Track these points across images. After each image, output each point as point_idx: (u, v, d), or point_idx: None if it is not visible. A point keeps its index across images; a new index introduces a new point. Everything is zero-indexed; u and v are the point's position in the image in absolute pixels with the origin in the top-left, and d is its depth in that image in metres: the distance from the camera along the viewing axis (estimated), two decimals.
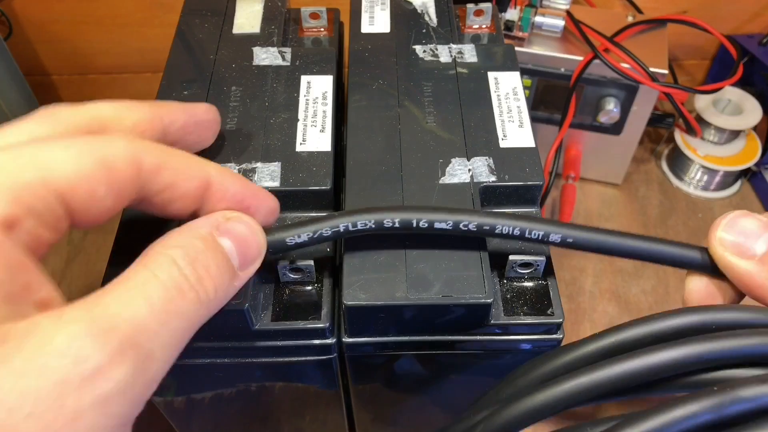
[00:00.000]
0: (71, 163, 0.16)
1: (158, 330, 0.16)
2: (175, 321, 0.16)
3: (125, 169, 0.17)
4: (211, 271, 0.18)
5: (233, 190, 0.21)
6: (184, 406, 0.30)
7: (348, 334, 0.25)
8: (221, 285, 0.18)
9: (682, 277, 0.24)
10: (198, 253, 0.18)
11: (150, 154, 0.18)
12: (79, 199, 0.16)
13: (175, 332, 0.16)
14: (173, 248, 0.18)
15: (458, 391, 0.29)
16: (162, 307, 0.16)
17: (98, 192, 0.17)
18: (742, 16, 0.57)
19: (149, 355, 0.15)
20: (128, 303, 0.15)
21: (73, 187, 0.16)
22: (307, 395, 0.29)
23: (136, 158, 0.18)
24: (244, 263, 0.20)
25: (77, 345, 0.14)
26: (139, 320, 0.15)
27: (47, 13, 0.54)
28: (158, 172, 0.19)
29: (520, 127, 0.29)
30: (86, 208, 0.17)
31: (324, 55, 0.32)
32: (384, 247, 0.24)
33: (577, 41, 0.47)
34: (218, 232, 0.19)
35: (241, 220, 0.20)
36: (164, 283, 0.16)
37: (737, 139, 0.54)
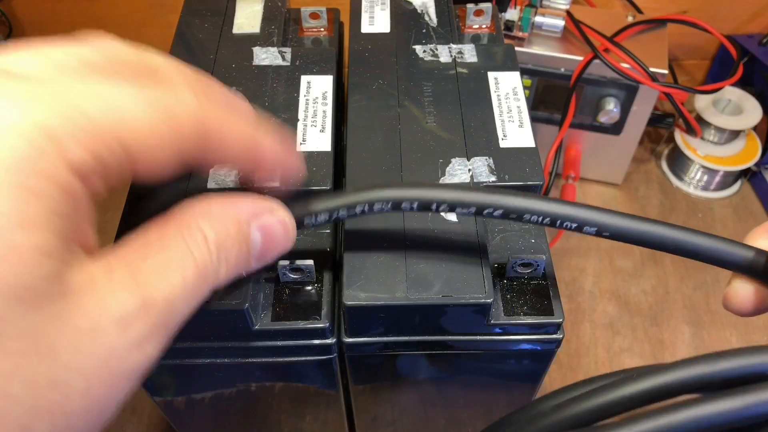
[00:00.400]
0: (144, 119, 0.15)
1: (182, 312, 0.17)
2: (193, 303, 0.17)
3: (190, 132, 0.17)
4: (230, 260, 0.18)
5: (272, 156, 0.20)
6: (184, 406, 0.30)
7: (348, 334, 0.25)
8: (231, 275, 0.18)
9: (682, 276, 0.24)
10: (227, 238, 0.18)
11: (211, 116, 0.17)
12: (146, 156, 0.16)
13: (190, 314, 0.17)
14: (209, 228, 0.17)
15: (458, 391, 0.29)
16: (192, 289, 0.17)
17: (164, 154, 0.16)
18: (742, 16, 0.57)
19: (169, 336, 0.16)
20: (167, 278, 0.16)
21: (144, 144, 0.15)
22: (307, 395, 0.29)
23: (202, 123, 0.17)
24: (261, 257, 0.20)
25: (127, 316, 0.15)
26: (173, 300, 0.16)
27: (47, 13, 0.54)
28: (218, 126, 0.18)
29: (520, 127, 0.29)
30: (149, 168, 0.16)
31: (324, 55, 0.32)
32: (384, 247, 0.24)
33: (577, 41, 0.47)
34: (255, 222, 0.19)
35: (280, 217, 0.20)
36: (197, 263, 0.17)
37: (737, 139, 0.54)
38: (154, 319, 0.15)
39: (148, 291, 0.16)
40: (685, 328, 0.46)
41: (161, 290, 0.16)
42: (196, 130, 0.17)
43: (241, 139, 0.19)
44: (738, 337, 0.46)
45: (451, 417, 0.31)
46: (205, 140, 0.17)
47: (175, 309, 0.16)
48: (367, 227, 0.25)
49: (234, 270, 0.19)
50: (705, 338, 0.46)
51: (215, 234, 0.18)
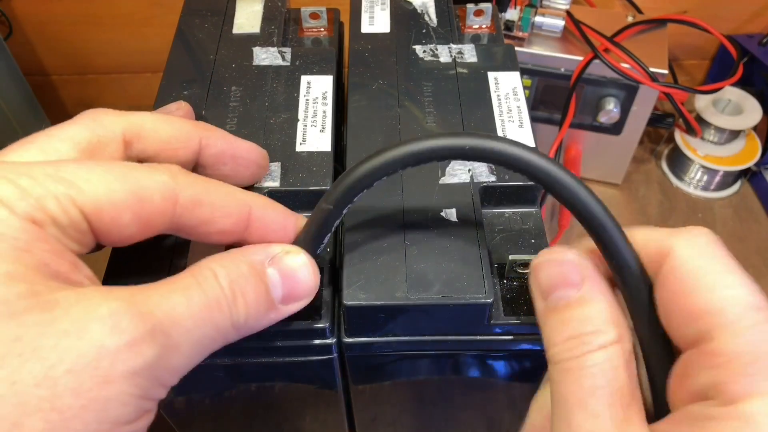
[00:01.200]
0: (103, 188, 0.17)
1: (190, 328, 0.17)
2: (207, 327, 0.18)
3: (159, 203, 0.18)
4: (247, 297, 0.19)
5: (274, 225, 0.21)
6: (184, 406, 0.30)
7: (348, 334, 0.25)
8: (254, 313, 0.19)
9: None
10: (240, 276, 0.19)
11: (188, 189, 0.19)
12: (103, 221, 0.17)
13: (204, 338, 0.18)
14: (219, 267, 0.19)
15: (458, 391, 0.29)
16: (199, 310, 0.17)
17: (123, 218, 0.18)
18: (742, 16, 0.57)
19: (176, 347, 0.17)
20: (169, 298, 0.17)
21: (99, 209, 0.17)
22: (307, 395, 0.29)
23: (173, 193, 0.19)
24: (288, 298, 0.20)
25: (117, 318, 0.15)
26: (175, 315, 0.17)
27: (47, 13, 0.54)
28: (195, 207, 0.19)
29: (520, 127, 0.29)
30: (109, 230, 0.18)
31: (324, 55, 0.32)
32: (384, 247, 0.24)
33: (577, 41, 0.47)
34: (270, 262, 0.20)
35: (299, 257, 0.21)
36: (206, 291, 0.18)
37: (737, 139, 0.54)
38: (150, 326, 0.16)
39: (146, 305, 0.16)
40: None
41: (161, 305, 0.17)
42: (164, 203, 0.18)
43: (228, 209, 0.20)
44: None
45: (451, 417, 0.31)
46: (179, 211, 0.19)
47: (180, 324, 0.17)
48: (368, 227, 0.25)
49: (256, 308, 0.19)
50: None
51: (226, 271, 0.19)
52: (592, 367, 0.19)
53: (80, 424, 0.15)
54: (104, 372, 0.15)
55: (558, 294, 0.20)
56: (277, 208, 0.22)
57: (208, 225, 0.20)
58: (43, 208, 0.16)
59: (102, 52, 0.58)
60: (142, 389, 0.16)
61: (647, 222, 0.53)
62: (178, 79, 0.30)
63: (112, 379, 0.15)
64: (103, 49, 0.57)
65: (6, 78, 0.51)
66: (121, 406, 0.15)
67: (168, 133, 0.22)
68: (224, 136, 0.24)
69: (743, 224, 0.53)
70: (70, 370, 0.15)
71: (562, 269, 0.20)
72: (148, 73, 0.59)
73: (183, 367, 0.17)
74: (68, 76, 0.60)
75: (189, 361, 0.17)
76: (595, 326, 0.19)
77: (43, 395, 0.14)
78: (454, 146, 0.20)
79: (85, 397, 0.15)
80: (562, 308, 0.20)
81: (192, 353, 0.17)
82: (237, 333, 0.19)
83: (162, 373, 0.16)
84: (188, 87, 0.30)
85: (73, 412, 0.14)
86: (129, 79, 0.60)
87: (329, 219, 0.21)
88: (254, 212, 0.21)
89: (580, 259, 0.20)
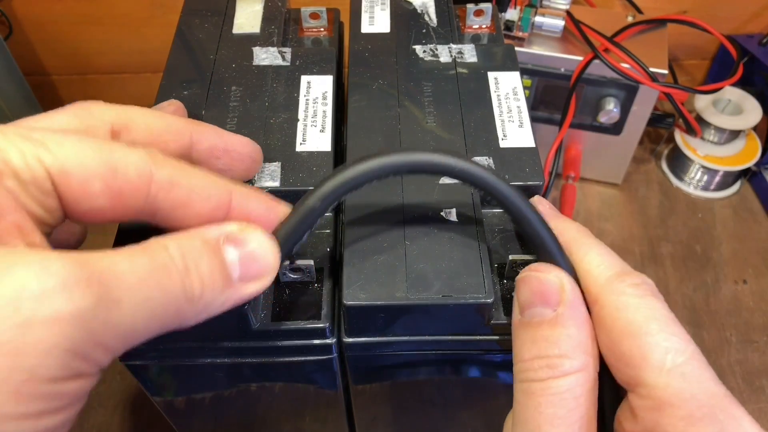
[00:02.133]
0: (73, 152, 0.17)
1: (134, 285, 0.16)
2: (154, 290, 0.16)
3: (133, 177, 0.18)
4: (201, 269, 0.18)
5: (256, 213, 0.21)
6: (184, 406, 0.30)
7: (348, 334, 0.25)
8: (210, 287, 0.18)
9: (682, 277, 0.24)
10: (193, 249, 0.18)
11: (165, 169, 0.19)
12: (71, 186, 0.17)
13: (150, 300, 0.16)
14: (170, 240, 0.18)
15: (458, 391, 0.29)
16: (144, 272, 0.16)
17: (93, 186, 0.17)
18: (742, 16, 0.57)
19: (116, 300, 0.15)
20: (111, 257, 0.16)
21: (66, 171, 0.17)
22: (307, 395, 0.29)
23: (148, 170, 0.18)
24: (246, 276, 0.19)
25: (47, 264, 0.14)
26: (117, 270, 0.16)
27: (47, 13, 0.54)
28: (171, 188, 0.19)
29: (520, 127, 0.29)
30: (77, 198, 0.17)
31: (324, 55, 0.32)
32: (384, 246, 0.24)
33: (577, 41, 0.47)
34: (227, 239, 0.19)
35: (256, 234, 0.20)
36: (153, 257, 0.17)
37: (737, 139, 0.54)
38: (85, 273, 0.15)
39: (84, 258, 0.15)
40: (685, 329, 0.46)
41: (101, 260, 0.16)
42: (138, 179, 0.18)
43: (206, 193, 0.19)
44: (738, 337, 0.46)
45: (451, 417, 0.31)
46: (154, 190, 0.18)
47: (120, 278, 0.16)
48: (368, 227, 0.25)
49: (211, 282, 0.18)
50: (705, 338, 0.45)
51: (177, 244, 0.18)
52: (554, 395, 0.19)
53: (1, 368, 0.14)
54: (24, 315, 0.14)
55: (534, 310, 0.21)
56: (261, 197, 0.21)
57: (184, 208, 0.19)
58: (4, 158, 0.16)
59: (102, 52, 0.58)
60: (72, 341, 0.14)
61: (647, 222, 0.53)
62: (178, 79, 0.30)
63: (32, 323, 0.14)
64: (103, 49, 0.57)
65: (6, 78, 0.51)
66: (40, 355, 0.14)
67: (158, 126, 0.21)
68: (215, 131, 0.23)
69: (743, 224, 0.53)
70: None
71: (543, 287, 0.21)
72: (148, 73, 0.59)
73: (127, 329, 0.16)
74: (68, 76, 0.60)
75: (133, 323, 0.16)
76: (562, 350, 0.20)
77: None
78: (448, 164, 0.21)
79: (3, 343, 0.14)
80: (534, 325, 0.20)
81: (137, 315, 0.16)
82: (193, 309, 0.18)
83: (98, 327, 0.15)
84: (188, 87, 0.30)
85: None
86: (129, 79, 0.60)
87: (311, 216, 0.21)
88: (236, 199, 0.20)
89: (563, 280, 0.21)
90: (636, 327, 0.19)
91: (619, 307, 0.19)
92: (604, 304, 0.20)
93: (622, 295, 0.20)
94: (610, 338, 0.19)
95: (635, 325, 0.19)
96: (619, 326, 0.19)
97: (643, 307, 0.19)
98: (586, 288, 0.21)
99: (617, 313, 0.19)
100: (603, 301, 0.20)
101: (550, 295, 0.21)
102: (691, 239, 0.52)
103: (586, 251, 0.22)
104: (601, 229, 0.52)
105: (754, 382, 0.44)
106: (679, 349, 0.18)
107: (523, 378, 0.20)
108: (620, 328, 0.19)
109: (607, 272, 0.21)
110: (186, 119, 0.23)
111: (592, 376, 0.20)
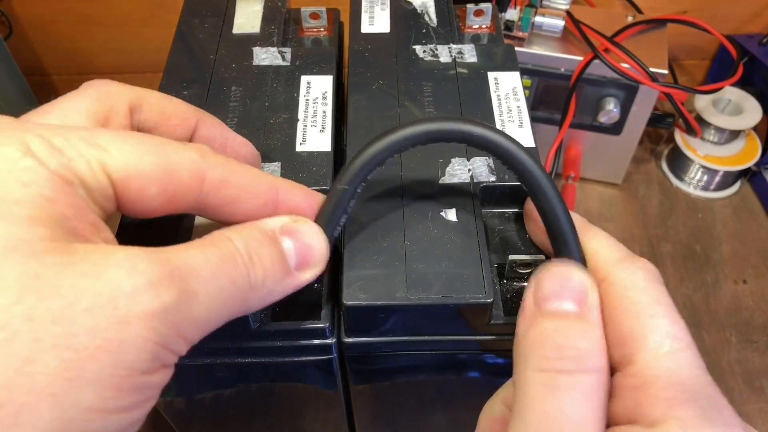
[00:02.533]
0: (134, 158, 0.18)
1: (208, 278, 0.17)
2: (224, 280, 0.18)
3: (186, 179, 0.18)
4: (263, 259, 0.19)
5: (303, 207, 0.22)
6: (184, 406, 0.30)
7: (348, 334, 0.25)
8: (271, 275, 0.19)
9: (682, 277, 0.24)
10: (254, 240, 0.19)
11: (216, 168, 0.19)
12: (129, 190, 0.18)
13: (222, 291, 0.18)
14: (233, 232, 0.19)
15: (458, 391, 0.29)
16: (215, 264, 0.18)
17: (149, 190, 0.18)
18: (742, 16, 0.57)
19: (194, 294, 0.17)
20: (186, 252, 0.17)
21: (128, 177, 0.17)
22: (307, 395, 0.29)
23: (201, 171, 0.19)
24: (301, 264, 0.21)
25: (135, 261, 0.16)
26: (193, 264, 0.17)
27: (47, 13, 0.54)
28: (222, 187, 0.19)
29: (520, 127, 0.29)
30: (134, 200, 0.18)
31: (324, 55, 0.32)
32: (384, 246, 0.24)
33: (577, 41, 0.47)
34: (282, 231, 0.20)
35: (308, 225, 0.21)
36: (221, 249, 0.18)
37: (737, 139, 0.54)
38: (167, 270, 0.16)
39: (164, 254, 0.16)
40: None
41: (179, 256, 0.17)
42: (192, 180, 0.19)
43: (256, 190, 0.20)
44: (738, 337, 0.46)
45: (451, 417, 0.31)
46: (206, 189, 0.19)
47: (197, 273, 0.17)
48: (368, 227, 0.25)
49: (272, 270, 0.19)
50: (705, 338, 0.46)
51: (240, 236, 0.19)
52: (582, 394, 0.18)
53: (95, 364, 0.14)
54: (122, 313, 0.15)
55: (557, 302, 0.20)
56: (303, 190, 0.22)
57: (234, 205, 0.20)
58: (74, 169, 0.16)
59: (102, 52, 0.58)
60: (160, 335, 0.16)
61: (647, 222, 0.53)
62: (178, 79, 0.30)
63: (129, 320, 0.15)
64: (103, 49, 0.57)
65: (6, 78, 0.51)
66: (137, 350, 0.15)
67: (169, 108, 0.22)
68: (219, 124, 0.24)
69: (743, 224, 0.53)
70: (87, 309, 0.14)
71: (570, 284, 0.20)
72: (148, 73, 0.59)
73: (203, 320, 0.17)
74: (68, 76, 0.60)
75: (208, 314, 0.17)
76: (591, 345, 0.19)
77: (59, 332, 0.14)
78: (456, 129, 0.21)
79: (102, 337, 0.14)
80: (560, 315, 0.20)
81: (210, 304, 0.17)
82: (256, 296, 0.19)
83: (181, 320, 0.16)
84: (188, 87, 0.30)
85: (89, 352, 0.14)
86: (129, 79, 0.59)
87: (343, 198, 0.22)
88: (281, 194, 0.21)
89: (590, 280, 0.20)
90: (641, 307, 0.19)
91: (628, 286, 0.19)
92: (613, 281, 0.20)
93: (632, 275, 0.20)
94: (612, 315, 0.19)
95: (642, 305, 0.19)
96: (625, 304, 0.19)
97: (650, 289, 0.19)
98: (595, 267, 0.21)
99: (625, 291, 0.19)
100: (612, 278, 0.20)
101: (577, 293, 0.20)
102: (691, 239, 0.52)
103: (594, 233, 0.22)
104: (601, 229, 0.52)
105: (754, 382, 0.44)
106: (678, 336, 0.18)
107: (544, 367, 0.19)
108: (626, 306, 0.19)
109: (617, 253, 0.21)
110: (193, 106, 0.24)
111: (606, 380, 0.19)
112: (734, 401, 0.43)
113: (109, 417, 0.15)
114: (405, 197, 0.26)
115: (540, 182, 0.21)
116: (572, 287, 0.20)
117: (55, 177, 0.16)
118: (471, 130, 0.21)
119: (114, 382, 0.15)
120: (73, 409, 0.14)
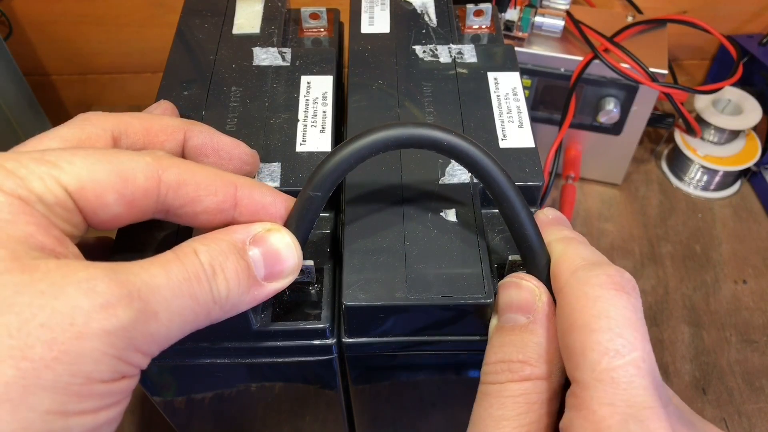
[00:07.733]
0: (85, 168, 0.18)
1: (169, 297, 0.18)
2: (186, 299, 0.18)
3: (142, 183, 0.19)
4: (227, 273, 0.19)
5: (263, 203, 0.21)
6: (184, 406, 0.30)
7: (348, 335, 0.25)
8: (235, 289, 0.19)
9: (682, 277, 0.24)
10: (219, 253, 0.19)
11: (171, 169, 0.19)
12: (88, 199, 0.18)
13: (184, 309, 0.18)
14: (200, 244, 0.19)
15: (458, 391, 0.29)
16: (177, 282, 0.18)
17: (107, 197, 0.18)
18: (742, 16, 0.57)
19: (153, 314, 0.17)
20: (148, 270, 0.18)
21: (83, 187, 0.18)
22: (307, 395, 0.29)
23: (156, 173, 0.19)
24: (271, 276, 0.21)
25: (95, 282, 0.16)
26: (154, 284, 0.17)
27: (47, 13, 0.54)
28: (179, 187, 0.20)
29: (519, 128, 0.29)
30: (95, 210, 0.18)
31: (324, 56, 0.32)
32: (384, 247, 0.24)
33: (577, 41, 0.47)
34: (251, 240, 0.20)
35: (280, 234, 0.21)
36: (185, 266, 0.18)
37: (737, 139, 0.54)
38: (126, 291, 0.16)
39: (124, 273, 0.17)
40: (684, 328, 0.46)
41: (140, 275, 0.17)
42: (148, 183, 0.19)
43: (213, 188, 0.20)
44: (738, 337, 0.46)
45: (451, 417, 0.31)
46: (163, 191, 0.19)
47: (158, 292, 0.17)
48: (368, 227, 0.25)
49: (237, 284, 0.19)
50: (705, 338, 0.46)
51: (206, 248, 0.19)
52: (507, 397, 0.19)
53: (51, 373, 0.15)
54: (78, 329, 0.15)
55: (509, 316, 0.21)
56: (265, 189, 0.22)
57: (193, 204, 0.20)
58: (29, 187, 0.17)
59: (102, 52, 0.58)
60: (117, 349, 0.16)
61: (647, 222, 0.53)
62: (178, 79, 0.30)
63: (86, 335, 0.16)
64: (103, 49, 0.57)
65: (6, 78, 0.51)
66: (94, 362, 0.16)
67: (154, 126, 0.22)
68: (208, 130, 0.24)
69: (743, 224, 0.53)
70: (43, 324, 0.15)
71: (521, 294, 0.21)
72: (148, 73, 0.59)
73: (162, 336, 0.18)
74: (68, 76, 0.60)
75: (168, 331, 0.18)
76: (526, 356, 0.20)
77: (15, 345, 0.15)
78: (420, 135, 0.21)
79: (58, 349, 0.15)
80: (507, 330, 0.21)
81: (171, 323, 0.18)
82: (220, 309, 0.19)
83: (138, 337, 0.17)
84: (188, 87, 0.30)
85: (45, 363, 0.15)
86: (129, 79, 0.60)
87: (312, 205, 0.22)
88: (240, 191, 0.21)
89: (540, 290, 0.21)
90: (584, 321, 0.18)
91: (578, 297, 0.19)
92: (566, 293, 0.19)
93: (584, 286, 0.19)
94: (562, 328, 0.19)
95: (584, 319, 0.18)
96: (571, 318, 0.18)
97: (601, 301, 0.18)
98: (556, 276, 0.20)
99: (574, 303, 0.19)
100: (567, 288, 0.19)
101: (526, 303, 0.21)
102: (691, 239, 0.52)
103: (566, 237, 0.21)
104: (601, 229, 0.52)
105: (754, 382, 0.44)
106: (620, 352, 0.17)
107: (484, 380, 0.20)
108: (571, 320, 0.18)
109: (579, 262, 0.20)
110: (179, 118, 0.24)
111: (553, 386, 0.19)
112: (734, 401, 0.43)
113: (69, 418, 0.16)
114: (405, 197, 0.26)
115: (503, 188, 0.21)
116: (522, 298, 0.21)
117: (10, 198, 0.17)
118: (437, 136, 0.21)
119: (72, 390, 0.16)
120: (31, 412, 0.15)
